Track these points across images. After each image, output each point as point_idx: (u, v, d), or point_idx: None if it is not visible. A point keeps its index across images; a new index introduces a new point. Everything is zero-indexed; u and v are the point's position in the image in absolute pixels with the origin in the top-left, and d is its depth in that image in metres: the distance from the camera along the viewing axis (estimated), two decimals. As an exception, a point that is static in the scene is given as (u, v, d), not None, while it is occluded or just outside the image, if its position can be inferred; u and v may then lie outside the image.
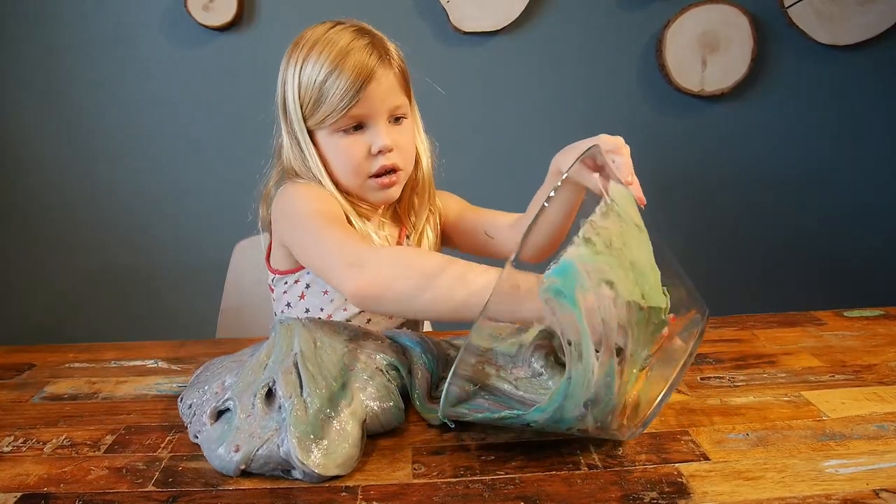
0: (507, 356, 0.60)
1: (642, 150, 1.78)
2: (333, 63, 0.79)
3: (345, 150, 0.83)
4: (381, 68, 0.80)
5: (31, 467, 0.57)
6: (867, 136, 1.76)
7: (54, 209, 1.77)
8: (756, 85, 1.73)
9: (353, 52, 0.79)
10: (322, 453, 0.54)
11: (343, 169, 0.85)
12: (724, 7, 1.64)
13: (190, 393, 0.67)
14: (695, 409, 0.65)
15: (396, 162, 0.84)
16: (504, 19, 1.64)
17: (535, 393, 0.57)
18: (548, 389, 0.56)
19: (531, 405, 0.53)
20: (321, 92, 0.80)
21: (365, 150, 0.83)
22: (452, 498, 0.52)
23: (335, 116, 0.80)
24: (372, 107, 0.81)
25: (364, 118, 0.82)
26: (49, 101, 1.69)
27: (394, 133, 0.84)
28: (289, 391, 0.59)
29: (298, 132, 0.84)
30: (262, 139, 0.91)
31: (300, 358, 0.63)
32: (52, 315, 1.84)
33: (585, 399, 0.50)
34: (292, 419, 0.56)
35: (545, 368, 0.59)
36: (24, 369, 0.80)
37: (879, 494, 0.50)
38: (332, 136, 0.83)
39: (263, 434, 0.56)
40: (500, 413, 0.55)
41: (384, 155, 0.83)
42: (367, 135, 0.83)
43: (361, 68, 0.79)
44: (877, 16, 1.65)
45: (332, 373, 0.63)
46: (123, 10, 1.64)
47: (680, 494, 0.51)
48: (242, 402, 0.60)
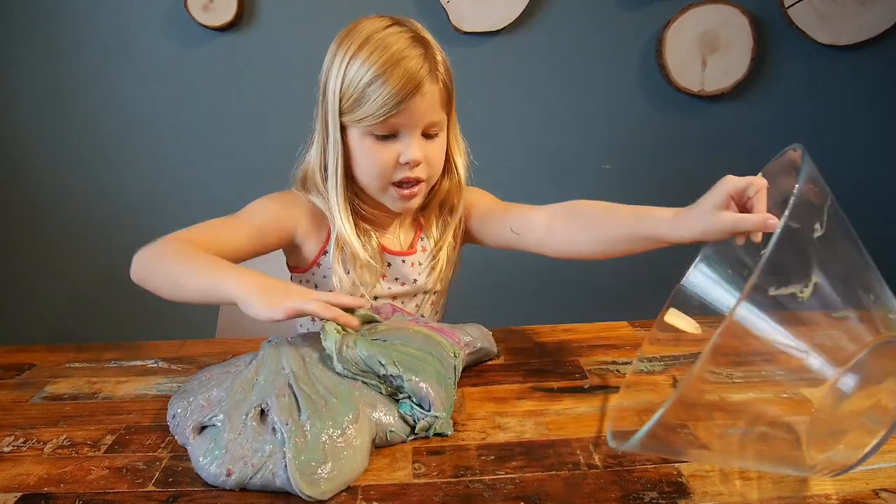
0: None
1: (642, 150, 1.80)
2: (382, 68, 0.77)
3: (374, 154, 0.82)
4: (427, 84, 0.78)
5: (32, 467, 0.57)
6: (867, 136, 1.76)
7: (54, 209, 1.77)
8: (756, 85, 1.73)
9: (404, 62, 0.77)
10: (326, 478, 0.52)
11: (368, 171, 0.84)
12: (724, 7, 1.64)
13: (175, 402, 0.65)
14: (695, 407, 0.65)
15: (421, 175, 0.84)
16: (504, 19, 1.64)
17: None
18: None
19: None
20: (364, 93, 0.78)
21: (393, 159, 0.82)
22: (452, 498, 0.52)
23: (372, 121, 0.79)
24: (410, 120, 0.79)
25: (400, 128, 0.81)
26: (48, 100, 1.69)
27: (425, 146, 0.83)
28: (284, 416, 0.56)
29: (331, 123, 0.82)
30: (262, 138, 0.91)
31: (293, 379, 0.61)
32: (53, 315, 1.84)
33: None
34: (292, 449, 0.53)
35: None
36: (24, 369, 0.80)
37: (879, 494, 0.50)
38: (364, 137, 0.82)
39: (256, 459, 0.54)
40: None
41: (411, 168, 0.82)
42: (399, 144, 0.81)
43: (408, 80, 0.77)
44: (877, 16, 1.65)
45: (328, 386, 0.61)
46: (123, 10, 1.64)
47: (680, 494, 0.51)
48: (232, 420, 0.57)
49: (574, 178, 1.81)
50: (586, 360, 0.78)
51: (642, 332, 0.88)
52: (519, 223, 0.91)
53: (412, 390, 0.62)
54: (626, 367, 0.76)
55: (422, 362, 0.65)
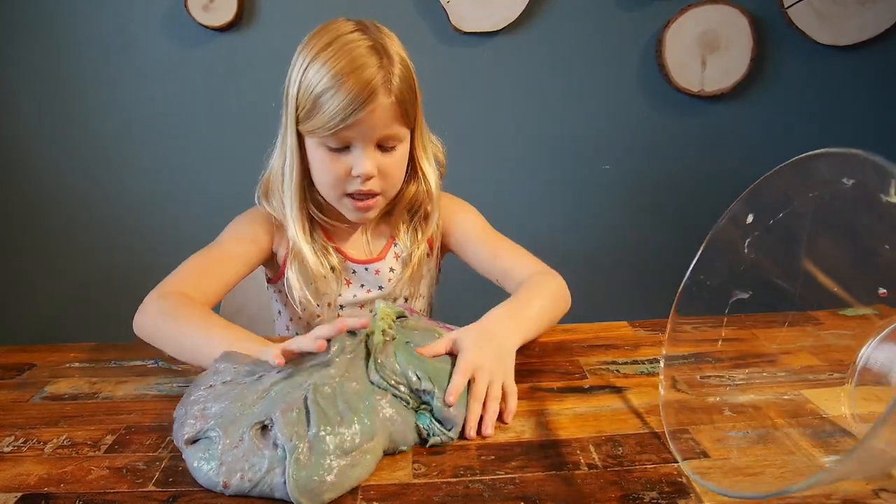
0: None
1: (642, 149, 1.79)
2: (335, 78, 0.75)
3: (327, 165, 0.81)
4: (380, 96, 0.76)
5: (32, 467, 0.57)
6: (867, 136, 1.76)
7: (54, 209, 1.77)
8: (756, 85, 1.73)
9: (357, 72, 0.75)
10: (328, 490, 0.51)
11: (322, 181, 0.84)
12: (724, 7, 1.64)
13: (180, 405, 0.63)
14: (695, 407, 0.65)
15: (374, 188, 0.82)
16: (504, 19, 1.64)
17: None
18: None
19: None
20: (316, 104, 0.77)
21: (345, 171, 0.81)
22: (452, 498, 0.52)
23: (323, 132, 0.78)
24: (361, 133, 0.78)
25: (352, 140, 0.79)
26: (48, 100, 1.69)
27: (380, 159, 0.81)
28: (289, 431, 0.53)
29: (289, 130, 0.82)
30: (262, 139, 0.91)
31: (312, 391, 0.57)
32: (53, 315, 1.84)
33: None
34: (293, 465, 0.51)
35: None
36: (25, 369, 0.80)
37: (879, 494, 0.50)
38: (318, 147, 0.81)
39: (252, 474, 0.52)
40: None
41: (363, 181, 0.81)
42: (351, 157, 0.80)
43: (358, 93, 0.74)
44: (877, 16, 1.65)
45: (350, 401, 0.58)
46: (123, 10, 1.64)
47: (680, 494, 0.51)
48: (228, 432, 0.55)
49: (574, 179, 1.81)
50: (586, 360, 0.78)
51: (642, 332, 0.88)
52: (504, 280, 0.92)
53: (439, 409, 0.60)
54: (626, 367, 0.76)
55: (446, 378, 0.63)
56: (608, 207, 1.83)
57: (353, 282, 0.92)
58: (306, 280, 0.88)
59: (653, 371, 0.75)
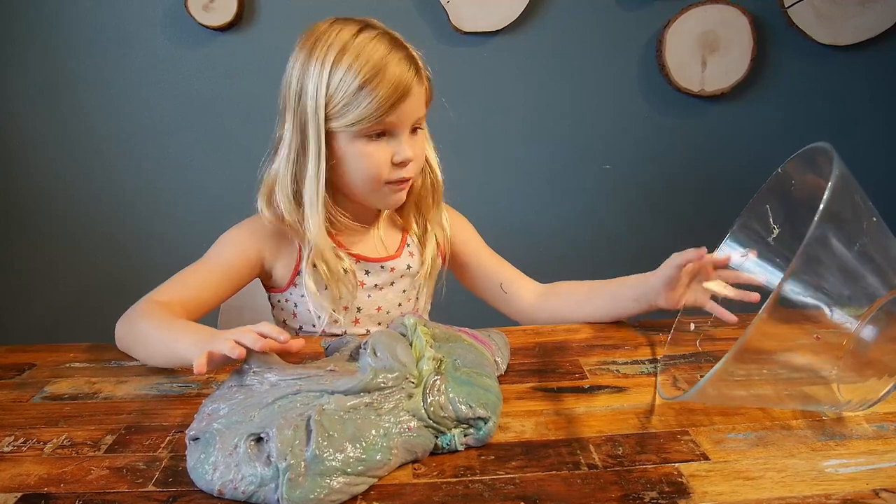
0: None
1: (642, 149, 1.79)
2: (371, 73, 0.78)
3: (369, 155, 0.82)
4: (416, 84, 0.81)
5: (32, 467, 0.57)
6: (866, 136, 1.76)
7: (54, 210, 1.77)
8: (756, 85, 1.73)
9: (391, 66, 0.78)
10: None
11: (362, 174, 0.83)
12: (724, 7, 1.64)
13: (208, 397, 0.63)
14: (695, 408, 0.65)
15: (412, 173, 0.86)
16: (504, 19, 1.64)
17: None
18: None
19: None
20: (355, 98, 0.78)
21: (388, 158, 0.82)
22: (452, 498, 0.52)
23: (367, 123, 0.79)
24: (402, 118, 0.81)
25: (392, 127, 0.81)
26: (47, 100, 1.69)
27: (413, 144, 0.84)
28: (284, 448, 0.51)
29: (312, 131, 0.81)
30: (262, 139, 0.91)
31: (317, 413, 0.54)
32: (53, 315, 1.84)
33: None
34: (286, 484, 0.50)
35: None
36: (25, 369, 0.80)
37: (879, 494, 0.50)
38: (354, 140, 0.81)
39: (245, 486, 0.51)
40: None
41: (405, 167, 0.84)
42: (392, 143, 0.82)
43: (399, 82, 0.78)
44: (877, 16, 1.65)
45: (363, 432, 0.54)
46: (123, 10, 1.64)
47: (680, 494, 0.51)
48: (224, 438, 0.54)
49: (574, 179, 1.81)
50: (586, 360, 0.78)
51: (642, 332, 0.88)
52: (510, 284, 0.98)
53: (488, 432, 0.59)
54: (626, 368, 0.76)
55: (496, 398, 0.62)
56: (608, 207, 1.83)
57: (366, 283, 0.92)
58: (321, 286, 0.88)
59: (653, 371, 0.75)
